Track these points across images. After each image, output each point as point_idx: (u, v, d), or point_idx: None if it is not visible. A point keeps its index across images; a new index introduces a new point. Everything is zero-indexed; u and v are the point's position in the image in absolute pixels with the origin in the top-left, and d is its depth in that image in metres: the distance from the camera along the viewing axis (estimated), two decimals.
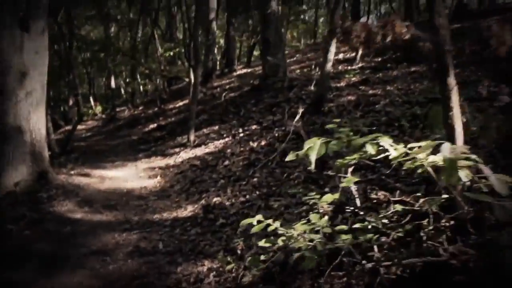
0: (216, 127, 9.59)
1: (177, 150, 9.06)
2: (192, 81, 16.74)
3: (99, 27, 33.41)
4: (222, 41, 26.79)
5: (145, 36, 27.44)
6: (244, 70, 20.47)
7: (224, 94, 13.11)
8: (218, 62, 23.61)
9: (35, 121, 6.97)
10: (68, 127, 20.88)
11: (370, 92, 8.49)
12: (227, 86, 15.90)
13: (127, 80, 25.41)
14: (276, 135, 7.66)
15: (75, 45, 26.26)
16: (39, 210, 6.10)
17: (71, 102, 23.55)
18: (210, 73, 19.05)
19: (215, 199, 5.90)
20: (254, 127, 8.59)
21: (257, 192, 5.64)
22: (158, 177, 7.44)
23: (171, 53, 20.47)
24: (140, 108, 21.25)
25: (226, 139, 8.46)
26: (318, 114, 7.87)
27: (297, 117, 7.64)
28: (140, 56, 23.16)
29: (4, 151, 6.71)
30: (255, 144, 7.61)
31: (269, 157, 6.69)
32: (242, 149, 7.61)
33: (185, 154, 8.44)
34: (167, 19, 31.93)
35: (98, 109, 25.29)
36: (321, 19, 35.47)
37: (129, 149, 10.78)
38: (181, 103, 16.38)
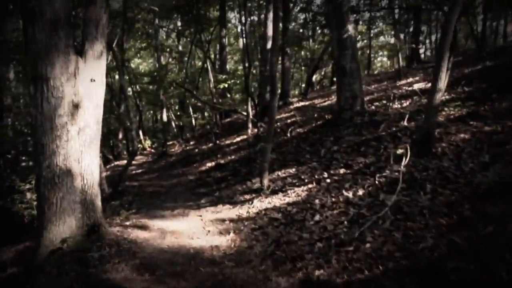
0: (293, 170, 8.14)
1: (248, 197, 7.63)
2: (250, 115, 15.64)
3: (148, 60, 33.37)
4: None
5: (193, 69, 26.85)
6: (302, 103, 19.20)
7: (290, 129, 11.76)
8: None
9: (88, 163, 5.79)
10: (117, 162, 20.11)
11: (487, 128, 6.89)
12: (288, 121, 14.60)
13: (178, 113, 24.63)
14: (377, 182, 6.15)
15: (126, 78, 26.08)
16: (90, 277, 4.80)
17: (120, 136, 23.05)
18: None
19: (317, 272, 4.41)
20: (342, 171, 7.11)
21: (380, 267, 4.12)
22: (231, 234, 6.01)
23: (226, 85, 19.47)
24: (192, 143, 20.25)
25: (309, 186, 6.98)
26: (427, 156, 6.33)
27: (405, 160, 6.12)
28: (193, 88, 22.37)
29: (51, 199, 5.53)
30: (350, 194, 6.12)
31: (378, 213, 5.18)
32: (333, 199, 6.12)
33: (260, 203, 7.00)
34: (217, 51, 31.46)
35: (147, 143, 24.53)
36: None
37: (188, 192, 9.47)
38: (238, 139, 15.15)
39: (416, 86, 13.36)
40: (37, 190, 5.79)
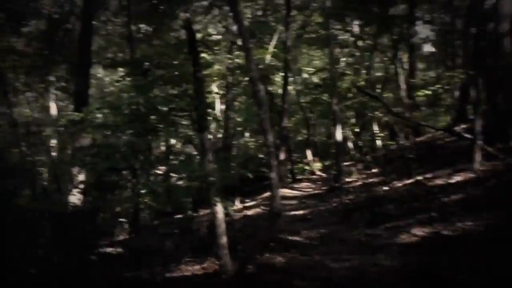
0: None
1: None
2: (478, 138, 9.59)
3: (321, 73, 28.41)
4: None
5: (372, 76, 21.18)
6: None
7: None
8: None
9: None
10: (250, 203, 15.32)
11: None
12: None
13: (356, 129, 19.28)
14: None
15: (292, 89, 21.84)
16: None
17: (282, 155, 18.27)
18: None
19: None
20: None
21: None
22: None
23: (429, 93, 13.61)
24: (375, 170, 14.71)
25: None
26: None
27: None
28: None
29: None
30: None
31: None
32: None
33: None
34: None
35: (317, 166, 19.68)
36: None
37: None
38: (457, 178, 9.12)
39: None
40: None
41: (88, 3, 10.93)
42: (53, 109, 19.78)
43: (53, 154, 17.14)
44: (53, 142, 17.49)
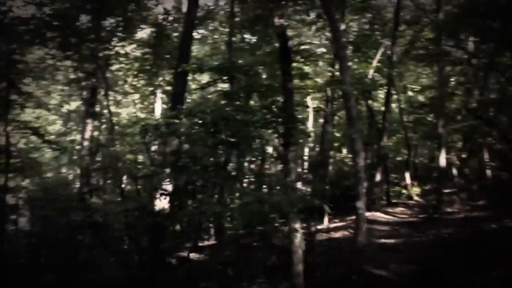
0: None
1: None
2: None
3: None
4: None
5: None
6: None
7: None
8: None
9: None
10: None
11: None
12: None
13: (463, 155, 17.70)
14: None
15: (396, 106, 20.71)
16: None
17: (378, 177, 17.24)
18: None
19: None
20: None
21: None
22: None
23: None
24: (481, 202, 13.26)
25: None
26: None
27: None
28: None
29: None
30: None
31: None
32: None
33: None
34: None
35: (415, 190, 18.34)
36: None
37: None
38: None
39: None
40: None
41: (190, 11, 11.18)
42: (158, 112, 20.69)
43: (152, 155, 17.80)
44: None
